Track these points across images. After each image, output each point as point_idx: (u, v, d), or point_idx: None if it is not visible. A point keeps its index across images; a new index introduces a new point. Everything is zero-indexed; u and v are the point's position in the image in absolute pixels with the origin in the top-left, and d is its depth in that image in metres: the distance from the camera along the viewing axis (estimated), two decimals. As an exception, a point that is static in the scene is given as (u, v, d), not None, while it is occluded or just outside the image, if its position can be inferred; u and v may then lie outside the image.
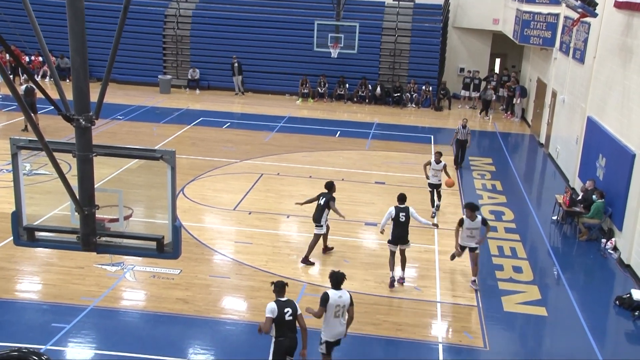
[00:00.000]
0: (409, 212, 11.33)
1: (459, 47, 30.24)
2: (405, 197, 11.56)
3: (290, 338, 7.84)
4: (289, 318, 7.78)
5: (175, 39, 28.96)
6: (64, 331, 9.55)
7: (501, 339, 10.16)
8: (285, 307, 7.80)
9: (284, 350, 7.83)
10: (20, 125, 20.50)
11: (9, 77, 4.02)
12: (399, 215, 11.27)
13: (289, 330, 7.82)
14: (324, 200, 12.29)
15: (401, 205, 11.40)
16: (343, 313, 8.23)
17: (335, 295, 8.15)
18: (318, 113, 25.72)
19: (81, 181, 4.62)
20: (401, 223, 11.30)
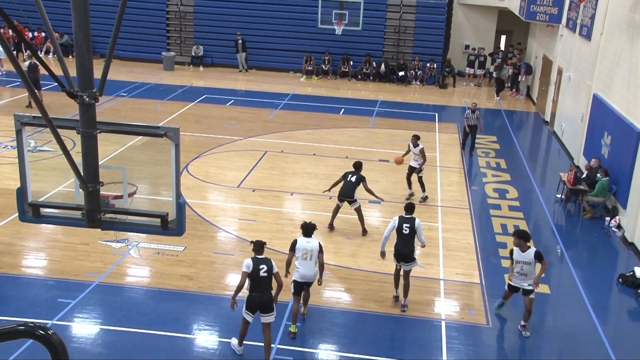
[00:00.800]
0: (414, 223, 9.85)
1: (464, 23, 29.94)
2: (414, 207, 10.13)
3: (261, 294, 8.30)
4: (264, 274, 8.27)
5: (179, 15, 28.74)
6: (69, 307, 9.64)
7: (504, 316, 10.21)
8: (261, 264, 8.30)
9: (255, 305, 8.35)
10: (24, 102, 20.48)
11: (12, 53, 3.99)
12: (402, 226, 9.82)
13: (263, 287, 8.30)
14: (355, 178, 12.58)
15: (407, 216, 9.98)
16: (312, 257, 9.18)
17: (304, 241, 9.28)
18: (322, 90, 25.59)
19: (85, 158, 4.62)
20: (404, 236, 9.79)
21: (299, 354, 8.89)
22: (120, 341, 8.95)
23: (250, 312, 8.41)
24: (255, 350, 8.81)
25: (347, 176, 12.73)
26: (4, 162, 15.27)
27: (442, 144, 19.15)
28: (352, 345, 9.12)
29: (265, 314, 8.40)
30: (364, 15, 25.55)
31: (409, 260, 9.85)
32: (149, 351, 8.74)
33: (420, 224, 9.89)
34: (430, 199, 14.73)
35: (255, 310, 8.40)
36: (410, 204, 10.20)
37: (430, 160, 17.47)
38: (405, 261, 9.85)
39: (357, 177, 12.65)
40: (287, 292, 10.19)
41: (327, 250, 11.92)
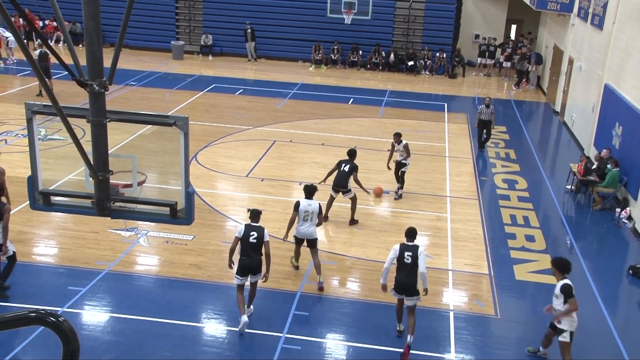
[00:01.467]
0: (417, 252, 8.69)
1: (474, 13, 29.73)
2: (416, 232, 8.93)
3: (251, 258, 8.92)
4: (253, 241, 8.92)
5: (188, 4, 28.70)
6: (79, 294, 9.71)
7: (512, 307, 10.20)
8: (252, 231, 8.96)
9: (245, 268, 8.94)
10: (34, 90, 20.55)
11: (23, 42, 4.00)
12: (404, 254, 8.68)
13: (252, 251, 8.90)
14: (348, 167, 12.45)
15: (409, 243, 8.82)
16: (312, 218, 10.20)
17: (306, 203, 10.26)
18: (331, 80, 25.52)
19: (95, 147, 4.63)
20: (406, 266, 8.66)
21: (307, 342, 8.92)
22: (129, 328, 9.01)
23: (239, 275, 8.99)
24: (260, 338, 8.85)
25: (340, 165, 12.57)
26: (15, 151, 15.35)
27: (451, 134, 19.07)
28: (360, 334, 9.14)
29: (254, 275, 9.09)
30: (373, 4, 25.41)
31: (412, 293, 8.70)
32: (157, 339, 8.80)
33: (423, 252, 8.72)
34: (439, 189, 14.69)
35: (246, 273, 8.98)
36: (411, 230, 8.93)
37: (439, 151, 17.44)
38: (408, 294, 8.72)
39: (350, 165, 12.51)
40: (297, 280, 10.23)
41: (336, 240, 11.96)
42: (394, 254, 8.74)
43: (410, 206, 13.62)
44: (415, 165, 16.12)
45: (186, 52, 28.15)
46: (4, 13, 3.69)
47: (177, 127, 4.79)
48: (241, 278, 8.99)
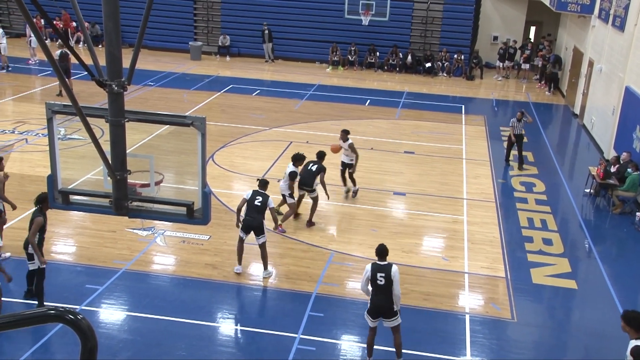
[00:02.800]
0: (390, 272, 8.01)
1: (492, 14, 29.52)
2: (387, 251, 8.21)
3: (253, 218, 10.15)
4: (257, 204, 10.19)
5: (207, 5, 28.85)
6: (97, 292, 9.80)
7: (529, 311, 10.12)
8: (257, 195, 10.26)
9: (247, 225, 10.21)
10: (55, 90, 20.80)
11: (45, 42, 4.05)
12: (376, 276, 8.02)
13: (255, 212, 10.17)
14: (315, 167, 12.42)
15: (381, 263, 8.11)
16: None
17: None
18: (348, 81, 25.51)
19: (113, 146, 4.66)
20: (380, 287, 8.03)
21: (322, 344, 8.92)
22: (145, 327, 9.08)
23: (244, 231, 10.26)
24: (275, 338, 8.86)
25: (308, 164, 12.50)
26: (35, 150, 15.55)
27: (468, 136, 18.96)
28: (376, 336, 9.10)
29: (258, 236, 10.23)
30: (391, 5, 25.35)
31: (391, 314, 8.13)
32: (173, 338, 8.85)
33: (397, 272, 8.05)
34: (455, 191, 14.62)
35: (249, 231, 10.20)
36: (382, 246, 8.22)
37: (456, 153, 17.35)
38: (386, 316, 8.16)
39: (317, 166, 12.46)
40: (313, 281, 10.25)
41: (352, 242, 11.95)
42: (367, 274, 8.08)
43: (427, 208, 13.57)
44: (432, 167, 16.07)
45: (204, 53, 28.31)
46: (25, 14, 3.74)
47: (194, 128, 4.81)
48: (245, 234, 10.28)
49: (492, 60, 28.34)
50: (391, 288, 8.00)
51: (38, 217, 8.95)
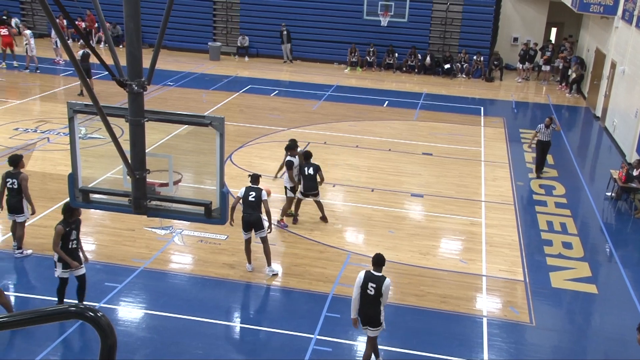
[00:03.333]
0: (382, 284, 7.71)
1: (513, 15, 29.29)
2: (383, 262, 7.87)
3: (249, 214, 10.23)
4: (252, 199, 10.23)
5: (226, 6, 28.99)
6: (116, 290, 9.89)
7: (548, 315, 10.01)
8: (250, 191, 10.31)
9: (246, 223, 10.27)
10: (76, 90, 21.03)
11: (67, 43, 4.09)
12: (367, 285, 7.76)
13: (250, 209, 10.21)
14: (312, 169, 12.24)
15: (375, 273, 7.82)
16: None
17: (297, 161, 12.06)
18: (366, 82, 25.46)
19: (133, 145, 4.69)
20: (369, 297, 7.78)
21: (338, 344, 8.91)
22: (163, 325, 9.14)
23: (245, 230, 10.34)
24: (292, 338, 8.87)
25: (303, 170, 12.21)
26: (56, 149, 15.73)
27: (487, 138, 18.83)
28: (391, 338, 9.09)
29: (258, 231, 10.34)
30: (410, 6, 25.27)
31: (376, 324, 7.88)
32: (191, 336, 8.90)
33: (389, 285, 7.77)
34: (473, 193, 14.52)
35: (249, 228, 10.30)
36: (378, 257, 7.87)
37: (475, 155, 17.24)
38: (372, 325, 7.90)
39: (313, 167, 12.27)
40: (330, 282, 10.24)
41: (368, 243, 11.92)
42: (359, 281, 7.81)
43: (444, 210, 13.50)
44: (450, 169, 15.98)
45: (223, 54, 28.45)
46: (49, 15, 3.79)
47: (213, 128, 4.83)
48: (246, 232, 10.35)
49: (512, 62, 28.12)
50: (379, 299, 7.74)
51: (57, 225, 8.84)
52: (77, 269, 9.07)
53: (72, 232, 8.91)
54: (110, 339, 2.37)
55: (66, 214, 8.86)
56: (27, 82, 22.41)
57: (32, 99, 20.36)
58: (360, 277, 7.83)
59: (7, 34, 24.01)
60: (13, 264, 10.64)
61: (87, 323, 2.40)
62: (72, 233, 8.92)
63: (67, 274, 9.04)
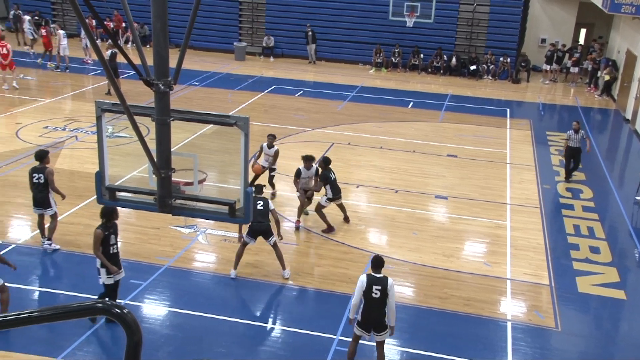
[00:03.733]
0: (387, 286, 7.69)
1: (541, 16, 28.92)
2: (383, 262, 7.87)
3: (260, 223, 10.17)
4: (260, 208, 10.18)
5: (252, 6, 29.14)
6: (140, 288, 10.00)
7: (575, 320, 9.86)
8: (258, 201, 10.25)
9: (255, 231, 10.25)
10: (103, 89, 21.32)
11: (96, 43, 4.15)
12: (372, 289, 7.69)
13: (260, 217, 10.13)
14: (333, 177, 12.15)
15: (377, 275, 7.78)
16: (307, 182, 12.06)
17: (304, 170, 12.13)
18: (391, 83, 25.37)
19: (159, 144, 4.73)
20: (374, 301, 7.71)
21: (360, 345, 8.87)
22: (186, 323, 9.21)
23: (252, 236, 10.31)
24: (314, 338, 8.87)
25: (329, 176, 12.09)
26: (83, 147, 15.97)
27: (513, 141, 18.63)
28: (414, 340, 9.04)
29: (269, 238, 10.31)
30: (436, 7, 25.08)
31: (382, 328, 7.87)
32: (213, 335, 8.96)
33: (393, 284, 7.75)
34: (499, 196, 14.37)
35: (257, 236, 10.29)
36: (378, 257, 7.90)
37: (500, 157, 17.06)
38: (377, 330, 7.89)
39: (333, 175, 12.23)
40: (352, 283, 10.21)
41: (392, 244, 11.87)
42: (361, 287, 7.69)
43: (469, 213, 13.38)
44: (475, 171, 15.84)
45: (248, 54, 28.59)
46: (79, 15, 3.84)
47: (238, 127, 4.85)
48: (249, 238, 10.32)
49: (539, 63, 27.77)
50: (385, 301, 7.69)
51: (96, 229, 8.73)
52: (118, 273, 9.00)
53: (111, 237, 8.79)
54: (136, 335, 2.38)
55: (105, 217, 8.76)
56: (57, 81, 22.79)
57: (62, 98, 20.70)
58: (362, 281, 7.71)
59: (46, 34, 24.52)
60: (40, 259, 10.84)
61: (113, 319, 2.42)
62: (112, 237, 8.81)
63: (111, 279, 8.88)
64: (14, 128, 17.18)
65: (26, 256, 10.82)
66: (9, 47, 20.34)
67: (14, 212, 12.42)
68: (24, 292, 9.83)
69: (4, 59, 20.19)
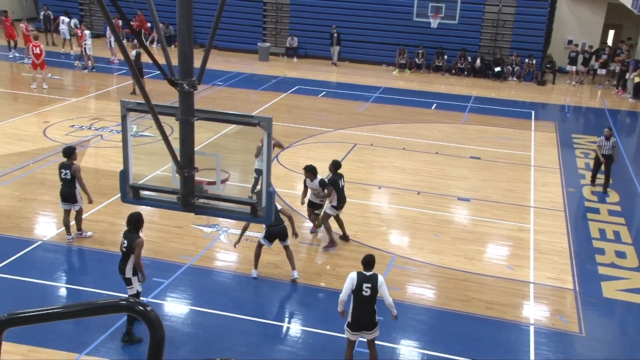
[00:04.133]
0: (377, 283, 7.72)
1: (568, 17, 28.55)
2: (374, 261, 7.91)
3: (277, 226, 10.15)
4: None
5: (276, 7, 29.24)
6: (163, 286, 10.09)
7: (599, 325, 9.71)
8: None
9: (274, 235, 10.23)
10: (128, 89, 21.56)
11: (122, 43, 4.20)
12: (362, 287, 7.71)
13: (277, 220, 10.02)
14: (342, 184, 11.70)
15: (367, 273, 7.80)
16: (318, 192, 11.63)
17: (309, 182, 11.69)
18: (414, 84, 25.26)
19: (182, 144, 4.77)
20: (364, 299, 7.74)
21: (379, 347, 8.84)
22: (208, 322, 9.27)
23: (268, 240, 10.29)
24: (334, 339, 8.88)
25: (338, 184, 11.54)
26: (108, 146, 16.17)
27: (537, 143, 18.42)
28: (435, 343, 8.98)
29: (284, 240, 10.32)
30: (461, 8, 24.89)
31: (372, 326, 7.90)
32: (234, 334, 9.00)
33: (383, 281, 7.79)
34: (522, 198, 14.22)
35: (274, 239, 10.27)
36: (369, 256, 7.92)
37: (524, 159, 16.88)
38: (368, 329, 7.91)
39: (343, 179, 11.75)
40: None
41: (413, 246, 11.82)
42: (351, 284, 7.70)
43: (492, 215, 13.26)
44: (498, 174, 15.71)
45: (272, 54, 28.69)
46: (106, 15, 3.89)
47: (260, 127, 4.87)
48: (266, 241, 10.32)
49: (565, 65, 27.42)
50: (375, 299, 7.74)
51: (138, 238, 8.54)
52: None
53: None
54: (159, 333, 2.40)
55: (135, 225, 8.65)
56: (83, 80, 23.12)
57: (88, 97, 20.99)
58: (352, 278, 7.74)
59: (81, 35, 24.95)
60: (65, 256, 11.00)
61: (136, 317, 2.45)
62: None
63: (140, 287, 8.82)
64: (42, 126, 17.47)
65: (51, 253, 11.00)
66: (42, 48, 20.78)
67: (40, 209, 12.63)
68: (49, 288, 9.99)
69: (36, 58, 20.60)
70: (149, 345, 2.43)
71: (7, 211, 12.01)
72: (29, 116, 18.43)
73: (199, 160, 4.94)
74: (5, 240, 11.26)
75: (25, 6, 34.36)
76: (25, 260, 10.65)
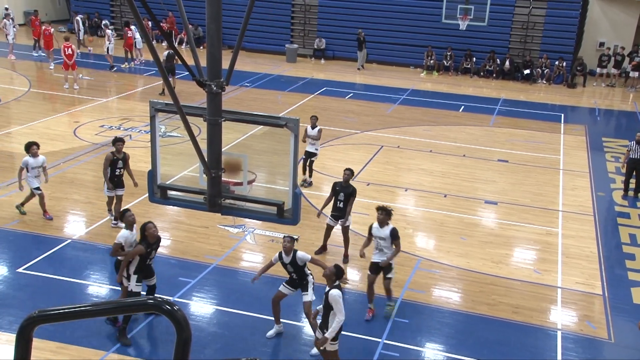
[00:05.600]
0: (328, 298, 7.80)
1: (600, 19, 28.04)
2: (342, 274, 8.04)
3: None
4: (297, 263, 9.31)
5: (304, 9, 29.31)
6: (189, 285, 10.18)
7: (629, 332, 9.52)
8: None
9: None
10: (157, 89, 21.82)
11: (152, 44, 4.26)
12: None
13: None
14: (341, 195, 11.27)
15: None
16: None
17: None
18: (442, 87, 25.10)
19: (210, 144, 4.82)
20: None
21: (405, 350, 8.82)
22: (233, 322, 9.33)
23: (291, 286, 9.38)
24: (359, 341, 8.85)
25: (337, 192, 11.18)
26: (137, 146, 16.38)
27: (567, 146, 18.14)
28: (461, 346, 8.91)
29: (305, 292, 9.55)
30: (490, 10, 24.63)
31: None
32: (259, 334, 9.04)
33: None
34: (550, 202, 14.02)
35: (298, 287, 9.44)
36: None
37: (553, 163, 16.65)
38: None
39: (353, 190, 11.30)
40: (399, 287, 10.13)
41: (440, 249, 11.74)
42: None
43: (519, 219, 13.10)
44: (527, 177, 15.51)
45: (299, 56, 28.77)
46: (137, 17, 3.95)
47: (288, 129, 4.90)
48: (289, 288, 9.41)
49: (596, 68, 26.96)
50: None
51: (139, 245, 8.61)
52: (150, 279, 9.07)
53: (152, 252, 8.80)
54: (186, 332, 2.43)
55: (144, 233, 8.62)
56: (110, 80, 23.47)
57: (118, 97, 21.30)
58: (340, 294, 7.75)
59: (131, 36, 25.33)
60: (94, 255, 11.17)
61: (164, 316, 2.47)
62: (152, 252, 8.82)
63: (139, 287, 8.77)
64: (73, 126, 17.78)
65: (80, 251, 11.18)
66: (73, 48, 21.20)
67: (70, 208, 12.85)
68: (78, 286, 10.15)
69: (68, 59, 21.00)
70: (175, 345, 2.46)
71: (38, 210, 12.24)
72: (60, 116, 18.77)
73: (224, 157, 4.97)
74: (36, 238, 11.48)
75: (57, 7, 35.02)
76: (56, 258, 10.85)
